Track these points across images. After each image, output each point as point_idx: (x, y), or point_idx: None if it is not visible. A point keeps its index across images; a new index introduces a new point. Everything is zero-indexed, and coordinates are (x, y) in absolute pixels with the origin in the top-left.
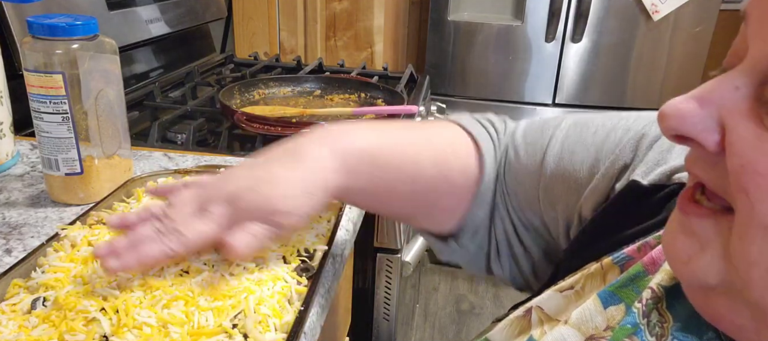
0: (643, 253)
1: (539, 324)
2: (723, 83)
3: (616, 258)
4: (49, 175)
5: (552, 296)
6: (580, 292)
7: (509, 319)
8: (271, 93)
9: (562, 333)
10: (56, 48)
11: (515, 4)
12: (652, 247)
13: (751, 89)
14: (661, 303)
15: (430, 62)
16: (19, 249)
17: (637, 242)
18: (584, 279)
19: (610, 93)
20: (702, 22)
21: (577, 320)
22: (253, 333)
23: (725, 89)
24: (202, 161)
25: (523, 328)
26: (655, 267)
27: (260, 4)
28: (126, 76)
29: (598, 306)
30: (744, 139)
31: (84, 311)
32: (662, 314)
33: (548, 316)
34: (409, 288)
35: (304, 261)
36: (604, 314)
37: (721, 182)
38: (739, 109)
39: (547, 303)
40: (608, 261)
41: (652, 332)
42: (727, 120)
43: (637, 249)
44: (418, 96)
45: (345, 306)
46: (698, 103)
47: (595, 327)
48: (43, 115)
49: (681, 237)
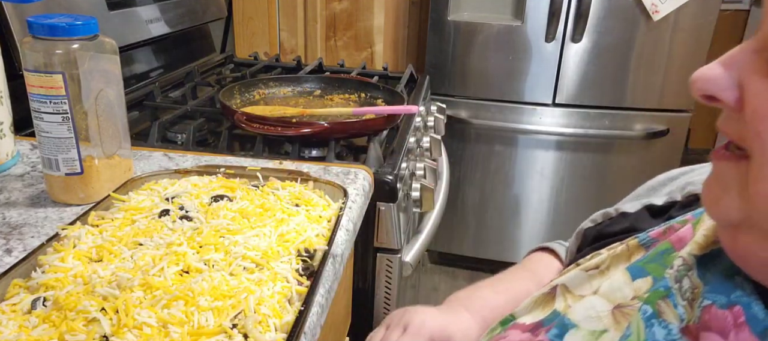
0: (668, 236)
1: (563, 299)
2: (742, 49)
3: (642, 239)
4: (49, 175)
5: (577, 275)
6: (605, 271)
7: (533, 297)
8: (271, 93)
9: (592, 302)
10: (56, 48)
11: (515, 4)
12: (676, 230)
13: (765, 52)
14: (692, 272)
15: (430, 62)
16: (19, 249)
17: (662, 227)
18: (610, 259)
19: (610, 93)
20: (702, 22)
21: (606, 290)
22: (253, 333)
23: (744, 53)
24: (202, 161)
25: (548, 303)
26: (681, 244)
27: (260, 4)
28: (126, 76)
29: (626, 278)
30: (757, 91)
31: (84, 311)
32: (692, 281)
33: (572, 292)
34: (409, 288)
35: (305, 260)
36: (631, 285)
37: (742, 134)
38: (754, 68)
39: (572, 281)
40: (634, 242)
41: (683, 296)
42: (744, 79)
43: (662, 232)
44: (418, 96)
45: (345, 306)
46: (722, 66)
47: (622, 297)
48: (43, 115)
49: (711, 182)
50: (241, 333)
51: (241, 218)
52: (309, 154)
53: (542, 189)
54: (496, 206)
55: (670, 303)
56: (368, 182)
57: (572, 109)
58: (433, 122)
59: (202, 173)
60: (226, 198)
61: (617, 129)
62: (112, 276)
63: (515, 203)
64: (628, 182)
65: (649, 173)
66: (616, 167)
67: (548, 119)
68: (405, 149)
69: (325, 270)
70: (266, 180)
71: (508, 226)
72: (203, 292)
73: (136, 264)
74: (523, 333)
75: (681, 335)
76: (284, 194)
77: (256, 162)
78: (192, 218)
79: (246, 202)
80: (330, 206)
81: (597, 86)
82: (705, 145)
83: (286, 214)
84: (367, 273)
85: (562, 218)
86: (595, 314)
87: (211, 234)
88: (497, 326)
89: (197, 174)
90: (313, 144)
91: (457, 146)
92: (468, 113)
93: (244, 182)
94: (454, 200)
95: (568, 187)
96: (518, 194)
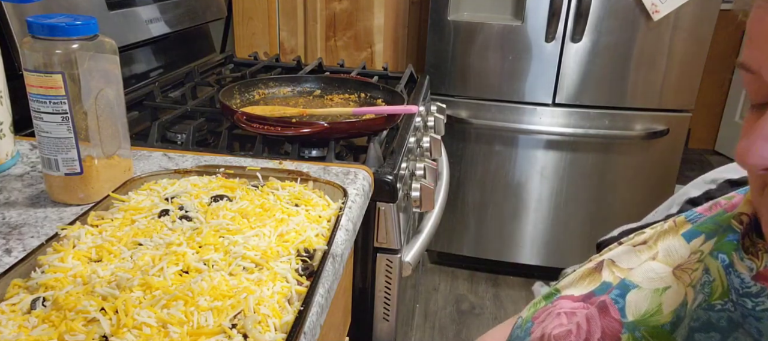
0: (714, 211)
1: (610, 272)
2: None
3: (689, 215)
4: (49, 175)
5: (625, 249)
6: (653, 246)
7: (579, 271)
8: (271, 93)
9: (650, 265)
10: (56, 48)
11: (515, 4)
12: (722, 206)
13: None
14: (752, 232)
15: (430, 62)
16: (18, 249)
17: (707, 204)
18: (657, 235)
19: (610, 93)
20: (702, 22)
21: (664, 255)
22: (252, 333)
23: None
24: (202, 161)
25: (595, 276)
26: (734, 209)
27: (260, 4)
28: (126, 76)
29: (682, 242)
30: None
31: (84, 311)
32: (754, 241)
33: (619, 266)
34: (409, 288)
35: (305, 260)
36: (687, 246)
37: None
38: None
39: (619, 256)
40: (681, 219)
41: (747, 252)
42: None
43: (708, 209)
44: (418, 96)
45: (345, 306)
46: (765, 140)
47: (681, 257)
48: (43, 115)
49: None
50: (240, 333)
51: (240, 218)
52: (309, 154)
53: (542, 189)
54: (496, 206)
55: (737, 256)
56: (368, 182)
57: (572, 109)
58: (433, 122)
59: (201, 173)
60: (225, 198)
61: (617, 129)
62: (111, 276)
63: (515, 203)
64: (628, 182)
65: (649, 172)
66: (616, 167)
67: (548, 119)
68: (405, 149)
69: (324, 269)
70: (266, 180)
71: (508, 226)
72: (203, 292)
73: (136, 264)
74: (575, 302)
75: (754, 282)
76: (284, 194)
77: (255, 162)
78: (192, 218)
79: (246, 202)
80: (330, 206)
81: (597, 86)
82: (705, 145)
83: (286, 214)
84: (367, 273)
85: (562, 218)
86: (655, 275)
87: (211, 234)
88: (541, 300)
89: (197, 174)
90: (313, 144)
91: (457, 146)
92: (468, 113)
93: (244, 182)
94: (454, 200)
95: (568, 187)
96: (518, 194)
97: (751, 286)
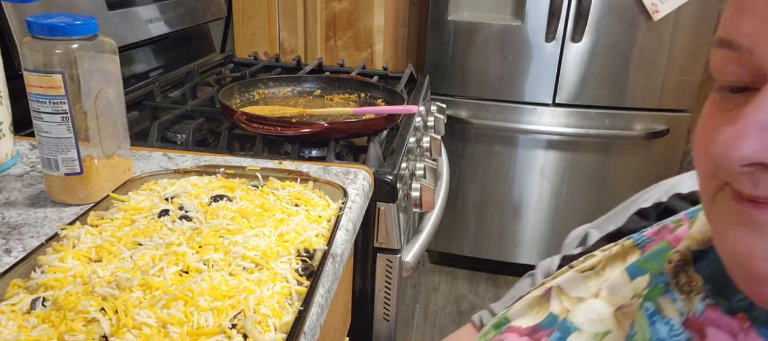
0: (663, 235)
1: (559, 301)
2: (767, 104)
3: (637, 239)
4: (49, 175)
5: (572, 276)
6: (600, 272)
7: (527, 298)
8: (271, 93)
9: (593, 305)
10: (56, 48)
11: (515, 4)
12: (671, 230)
13: None
14: (689, 267)
15: (430, 62)
16: (18, 249)
17: (655, 227)
18: (605, 260)
19: (610, 93)
20: (702, 22)
21: (608, 293)
22: (252, 333)
23: None
24: (202, 161)
25: (543, 305)
26: (678, 242)
27: (260, 4)
28: (126, 76)
29: (625, 278)
30: None
31: (84, 311)
32: (690, 276)
33: (567, 295)
34: (409, 288)
35: (305, 260)
36: (630, 285)
37: None
38: None
39: (567, 283)
40: (629, 243)
41: (681, 290)
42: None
43: (656, 232)
44: (418, 96)
45: (345, 306)
46: (759, 130)
47: (623, 298)
48: (42, 115)
49: (752, 236)
50: (240, 333)
51: (240, 218)
52: (309, 154)
53: (542, 189)
54: (496, 206)
55: (669, 298)
56: (368, 182)
57: (572, 109)
58: (433, 122)
59: (201, 173)
60: (225, 198)
61: (617, 129)
62: (111, 276)
63: (515, 203)
64: (628, 182)
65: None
66: (616, 167)
67: (548, 118)
68: (405, 149)
69: (324, 270)
70: (266, 180)
71: (508, 226)
72: (203, 292)
73: (136, 264)
74: (521, 336)
75: (683, 329)
76: (284, 194)
77: (255, 162)
78: (191, 218)
79: (246, 202)
80: (330, 206)
81: (597, 86)
82: None
83: (286, 214)
84: (367, 273)
85: (562, 218)
86: (597, 317)
87: (211, 234)
88: (490, 329)
89: (197, 174)
90: (313, 144)
91: (457, 146)
92: (468, 113)
93: (244, 182)
94: (454, 200)
95: (568, 187)
96: (518, 194)
97: (679, 334)
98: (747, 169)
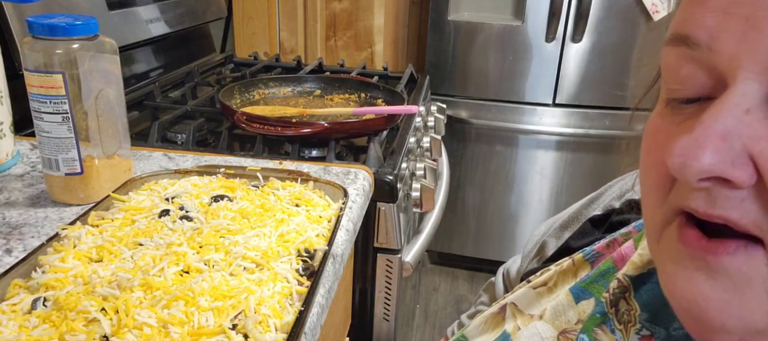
0: (612, 249)
1: (513, 319)
2: (727, 112)
3: (587, 254)
4: (49, 175)
5: (526, 293)
6: (553, 288)
7: (484, 316)
8: (271, 93)
9: (537, 328)
10: (56, 48)
11: (515, 4)
12: (620, 244)
13: (762, 109)
14: (628, 293)
15: (430, 62)
16: (19, 249)
17: (605, 240)
18: (557, 276)
19: (610, 93)
20: None
21: (551, 315)
22: (253, 333)
23: (733, 116)
24: (202, 161)
25: (498, 323)
26: (623, 262)
27: (260, 4)
28: (126, 76)
29: (570, 301)
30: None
31: (84, 311)
32: (629, 303)
33: (521, 312)
34: (409, 288)
35: (305, 260)
36: (575, 308)
37: (755, 215)
38: (760, 132)
39: (520, 300)
40: (579, 258)
41: (620, 320)
42: (752, 148)
43: (606, 246)
44: (419, 96)
45: (345, 306)
46: (719, 140)
47: (567, 321)
48: (43, 115)
49: (707, 283)
50: (241, 333)
51: (241, 218)
52: (309, 154)
53: (542, 189)
54: (497, 207)
55: (606, 328)
56: (368, 182)
57: (572, 109)
58: (433, 122)
59: (202, 173)
60: (226, 198)
61: (617, 129)
62: (112, 276)
63: (515, 204)
64: None
65: None
66: (617, 167)
67: (548, 119)
68: (405, 149)
69: (325, 270)
70: (266, 180)
71: (508, 226)
72: (203, 292)
73: (136, 264)
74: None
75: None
76: (284, 194)
77: (256, 162)
78: (192, 218)
79: (246, 202)
80: (330, 207)
81: (597, 86)
82: None
83: (287, 214)
84: (367, 274)
85: None
86: (539, 340)
87: (211, 234)
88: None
89: (197, 174)
90: (313, 144)
91: (457, 146)
92: (468, 113)
93: (244, 182)
94: (455, 201)
95: (568, 187)
96: (518, 195)
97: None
98: (704, 184)
